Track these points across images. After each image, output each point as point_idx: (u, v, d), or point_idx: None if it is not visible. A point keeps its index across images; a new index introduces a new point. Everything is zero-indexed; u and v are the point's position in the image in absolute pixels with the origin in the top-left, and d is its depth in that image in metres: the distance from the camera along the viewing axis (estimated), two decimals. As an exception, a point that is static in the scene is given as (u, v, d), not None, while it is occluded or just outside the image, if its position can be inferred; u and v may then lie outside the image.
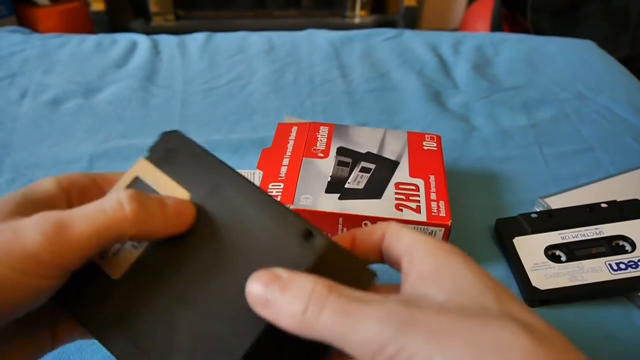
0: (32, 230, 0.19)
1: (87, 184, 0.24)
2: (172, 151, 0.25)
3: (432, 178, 0.42)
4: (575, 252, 0.40)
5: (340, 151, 0.44)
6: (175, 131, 0.25)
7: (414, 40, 0.75)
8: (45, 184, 0.23)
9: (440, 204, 0.39)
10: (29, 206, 0.21)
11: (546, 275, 0.39)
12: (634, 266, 0.39)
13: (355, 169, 0.42)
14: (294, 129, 0.47)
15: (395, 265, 0.23)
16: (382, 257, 0.24)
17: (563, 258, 0.40)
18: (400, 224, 0.24)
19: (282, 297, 0.19)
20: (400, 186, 0.41)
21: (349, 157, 0.44)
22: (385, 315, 0.18)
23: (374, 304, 0.19)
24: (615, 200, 0.43)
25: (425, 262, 0.21)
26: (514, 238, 0.41)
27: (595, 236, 0.41)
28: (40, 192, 0.23)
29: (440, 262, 0.21)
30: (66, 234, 0.19)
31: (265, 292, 0.19)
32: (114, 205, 0.20)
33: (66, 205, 0.23)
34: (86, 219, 0.20)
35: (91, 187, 0.24)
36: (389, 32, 0.77)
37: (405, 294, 0.21)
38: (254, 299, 0.20)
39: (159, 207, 0.21)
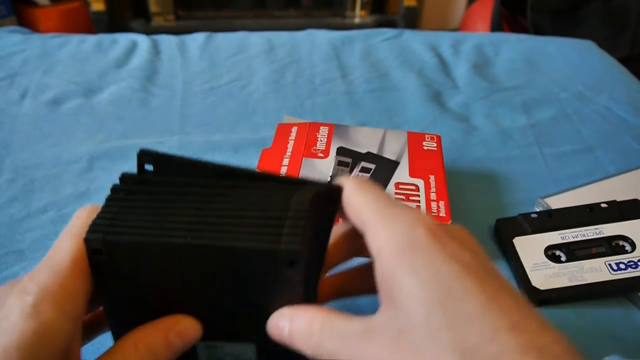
0: None
1: (86, 287, 0.22)
2: None
3: (432, 178, 0.42)
4: (575, 252, 0.40)
5: (340, 151, 0.44)
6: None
7: (414, 40, 0.75)
8: (57, 330, 0.19)
9: (440, 204, 0.39)
10: None
11: (546, 276, 0.39)
12: (634, 266, 0.39)
13: (355, 169, 0.42)
14: (294, 129, 0.47)
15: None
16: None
17: (563, 258, 0.40)
18: (359, 184, 0.23)
19: (293, 335, 0.22)
20: (400, 186, 0.41)
21: (349, 157, 0.44)
22: (369, 329, 0.20)
23: (359, 327, 0.21)
24: (615, 200, 0.43)
25: (385, 266, 0.21)
26: (514, 238, 0.41)
27: (595, 236, 0.41)
28: (56, 346, 0.19)
29: (396, 268, 0.20)
30: None
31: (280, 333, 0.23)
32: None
33: (80, 336, 0.22)
34: None
35: (89, 288, 0.23)
36: (389, 32, 0.77)
37: (381, 291, 0.21)
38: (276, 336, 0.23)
39: (167, 352, 0.23)
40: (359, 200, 0.22)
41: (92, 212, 0.23)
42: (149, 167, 0.24)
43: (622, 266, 0.39)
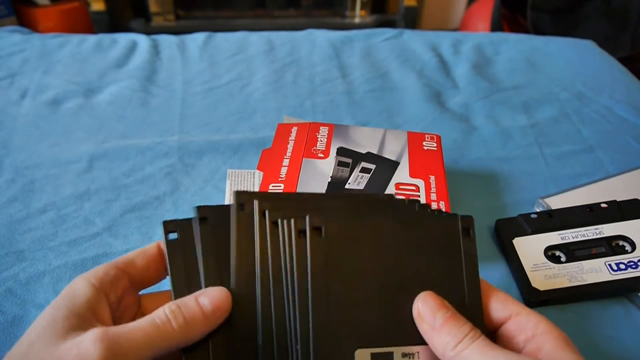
0: (93, 348, 0.22)
1: (115, 274, 0.27)
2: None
3: (432, 178, 0.42)
4: (575, 252, 0.40)
5: (341, 151, 0.44)
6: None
7: (414, 40, 0.75)
8: (81, 290, 0.25)
9: (440, 204, 0.39)
10: (77, 318, 0.24)
11: (546, 276, 0.39)
12: (634, 266, 0.39)
13: (356, 169, 0.42)
14: (294, 130, 0.47)
15: (489, 319, 0.27)
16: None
17: (563, 258, 0.40)
18: (494, 287, 0.28)
19: (442, 327, 0.25)
20: (401, 186, 0.41)
21: (349, 158, 0.44)
22: None
23: (516, 354, 0.24)
24: (615, 200, 0.43)
25: (547, 339, 0.25)
26: (513, 238, 0.41)
27: (595, 236, 0.41)
28: (81, 301, 0.24)
29: (560, 344, 0.25)
30: (122, 349, 0.22)
31: (431, 314, 0.25)
32: (163, 320, 0.24)
33: (106, 303, 0.26)
34: (140, 334, 0.23)
35: (119, 275, 0.27)
36: (389, 32, 0.77)
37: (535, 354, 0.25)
38: (420, 315, 0.26)
39: (200, 312, 0.24)
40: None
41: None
42: (173, 235, 0.28)
43: (622, 266, 0.39)
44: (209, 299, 0.25)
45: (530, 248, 0.41)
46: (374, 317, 0.26)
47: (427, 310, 0.26)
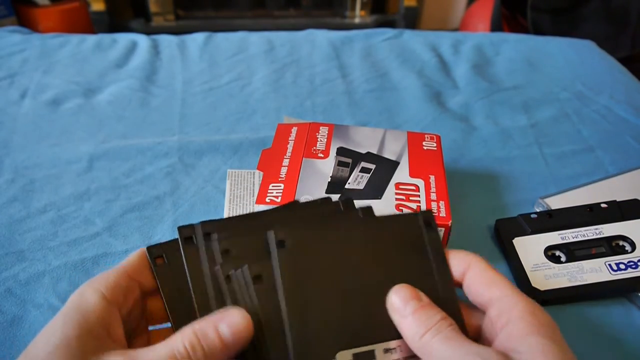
0: None
1: (127, 285, 0.26)
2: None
3: (432, 178, 0.42)
4: (575, 252, 0.40)
5: (341, 151, 0.44)
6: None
7: (414, 40, 0.75)
8: (92, 304, 0.24)
9: (440, 204, 0.39)
10: (91, 338, 0.23)
11: (546, 276, 0.39)
12: (634, 266, 0.39)
13: (356, 169, 0.42)
14: (294, 130, 0.47)
15: (476, 303, 0.27)
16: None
17: (563, 258, 0.40)
18: (485, 264, 0.27)
19: (412, 315, 0.25)
20: (401, 186, 0.41)
21: (349, 158, 0.44)
22: (487, 357, 0.22)
23: (481, 346, 0.23)
24: (615, 200, 0.43)
25: (518, 325, 0.24)
26: (513, 238, 0.41)
27: (595, 236, 0.41)
28: (93, 317, 0.23)
29: (530, 329, 0.23)
30: None
31: (403, 304, 0.25)
32: (183, 356, 0.23)
33: (119, 319, 0.25)
34: None
35: (132, 286, 0.26)
36: (389, 32, 0.77)
37: (500, 346, 0.24)
38: (392, 306, 0.26)
39: (219, 343, 0.23)
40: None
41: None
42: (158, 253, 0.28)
43: (622, 266, 0.39)
44: (229, 326, 0.24)
45: (530, 248, 0.41)
46: (351, 318, 0.26)
47: (398, 300, 0.26)
